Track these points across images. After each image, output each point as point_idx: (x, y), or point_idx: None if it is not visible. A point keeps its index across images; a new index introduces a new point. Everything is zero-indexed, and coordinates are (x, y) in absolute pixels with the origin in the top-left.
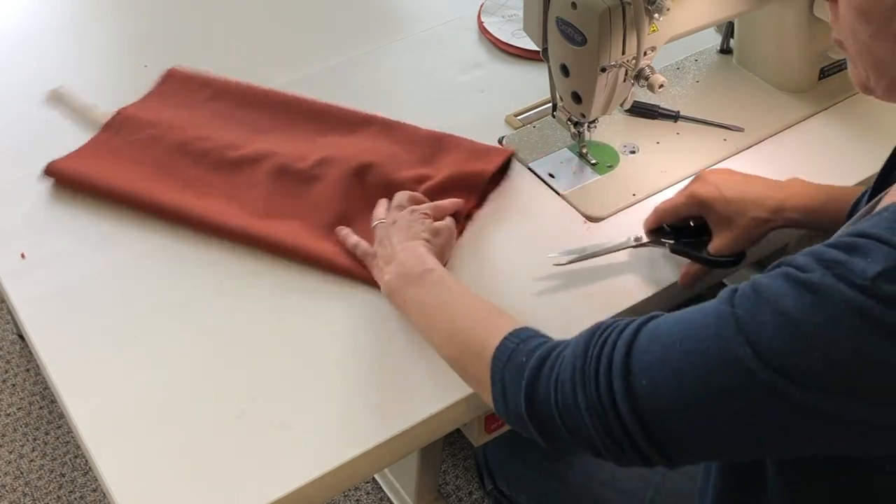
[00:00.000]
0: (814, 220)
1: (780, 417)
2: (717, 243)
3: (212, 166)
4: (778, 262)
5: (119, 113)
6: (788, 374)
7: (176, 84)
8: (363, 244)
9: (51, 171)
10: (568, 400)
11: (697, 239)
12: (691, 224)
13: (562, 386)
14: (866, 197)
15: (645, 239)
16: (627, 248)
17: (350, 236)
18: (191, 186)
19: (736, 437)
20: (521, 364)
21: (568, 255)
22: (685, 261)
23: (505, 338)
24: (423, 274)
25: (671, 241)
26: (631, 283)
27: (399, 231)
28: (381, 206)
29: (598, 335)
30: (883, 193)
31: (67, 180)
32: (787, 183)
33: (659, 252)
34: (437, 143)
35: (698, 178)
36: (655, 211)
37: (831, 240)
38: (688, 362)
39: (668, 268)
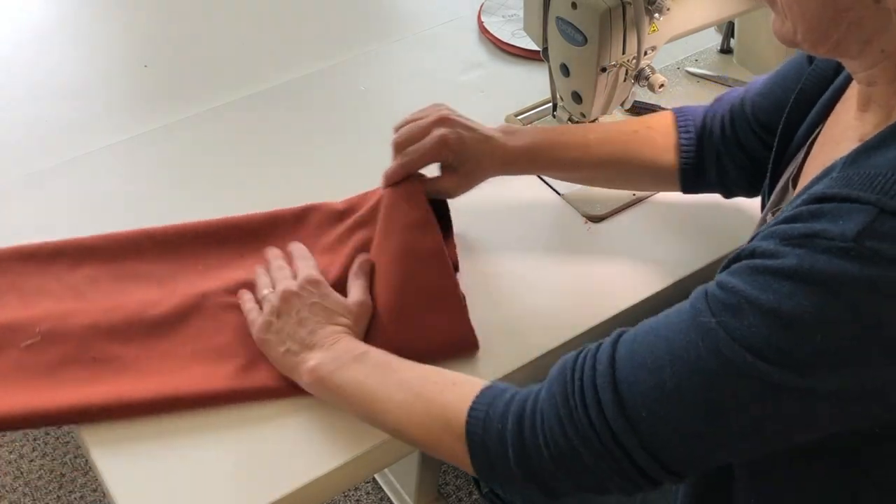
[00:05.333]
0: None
1: (793, 408)
2: (452, 181)
3: (146, 335)
4: (736, 254)
5: None
6: (796, 366)
7: (16, 267)
8: (259, 321)
9: None
10: (564, 452)
11: None
12: None
13: (553, 440)
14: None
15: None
16: None
17: (247, 303)
18: (137, 369)
19: (747, 441)
20: (500, 431)
21: None
22: (686, 263)
23: (471, 408)
24: (361, 356)
25: None
26: (630, 283)
27: (314, 312)
28: (264, 276)
29: (572, 374)
30: (788, 175)
31: None
32: (512, 141)
33: (661, 251)
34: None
35: (443, 120)
36: (405, 165)
37: (783, 215)
38: (688, 384)
39: (664, 270)
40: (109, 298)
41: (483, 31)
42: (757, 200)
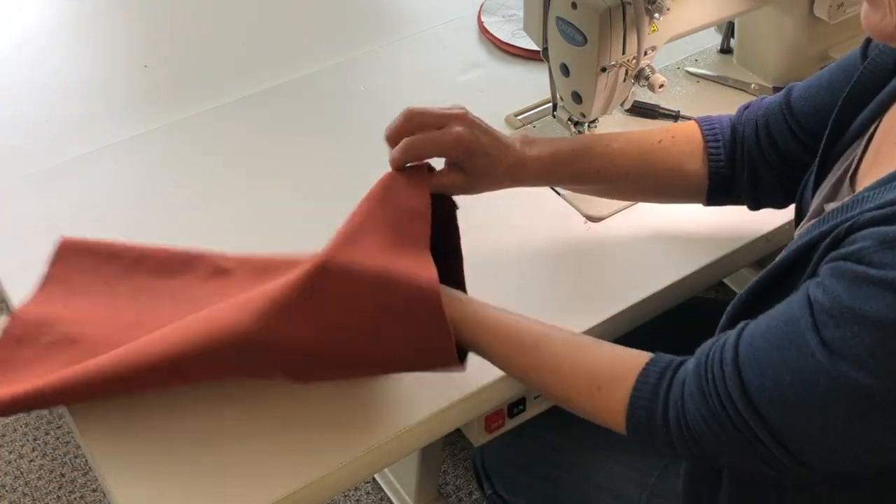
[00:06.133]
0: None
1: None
2: (457, 179)
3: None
4: (834, 255)
5: (15, 318)
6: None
7: (75, 259)
8: None
9: None
10: (711, 439)
11: None
12: None
13: (700, 432)
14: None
15: None
16: None
17: None
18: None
19: (860, 448)
20: (665, 434)
21: None
22: (686, 264)
23: (632, 397)
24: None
25: None
26: (632, 282)
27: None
28: None
29: (706, 373)
30: (845, 169)
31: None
32: (531, 151)
33: (661, 251)
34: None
35: (463, 118)
36: (409, 149)
37: (882, 211)
38: (801, 394)
39: (664, 270)
40: (138, 315)
41: (483, 31)
42: None
